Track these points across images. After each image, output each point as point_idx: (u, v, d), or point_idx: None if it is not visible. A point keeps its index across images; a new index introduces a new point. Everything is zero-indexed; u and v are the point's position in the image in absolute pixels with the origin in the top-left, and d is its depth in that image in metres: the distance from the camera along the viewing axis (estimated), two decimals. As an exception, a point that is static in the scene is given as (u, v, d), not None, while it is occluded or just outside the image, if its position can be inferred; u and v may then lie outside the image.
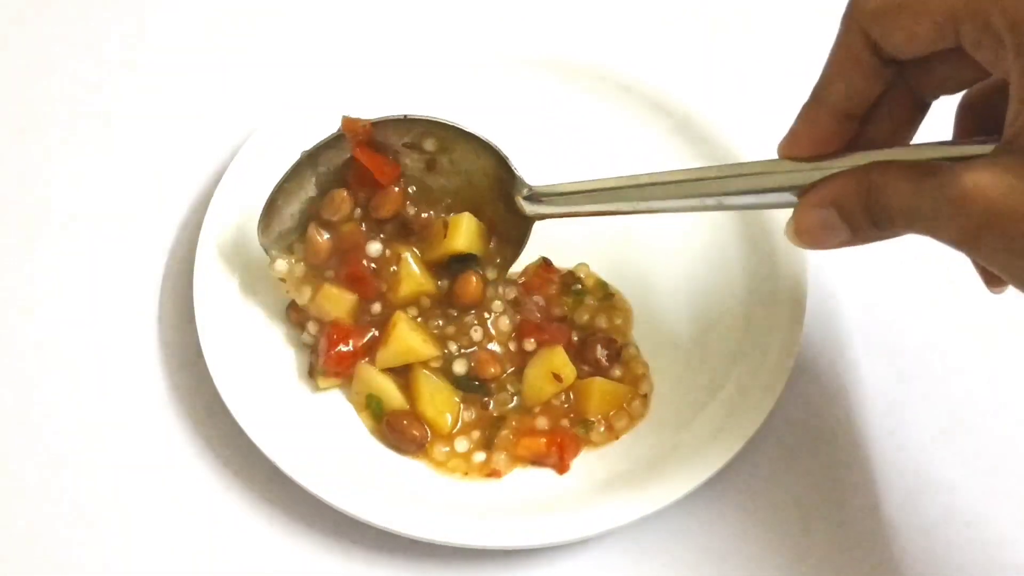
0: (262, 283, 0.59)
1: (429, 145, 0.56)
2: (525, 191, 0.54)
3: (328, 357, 0.55)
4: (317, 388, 0.56)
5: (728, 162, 0.62)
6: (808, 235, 0.43)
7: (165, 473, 0.56)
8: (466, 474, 0.55)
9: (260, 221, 0.56)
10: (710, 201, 0.47)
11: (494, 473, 0.55)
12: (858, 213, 0.41)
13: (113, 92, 0.70)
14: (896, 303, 0.61)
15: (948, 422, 0.57)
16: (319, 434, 0.55)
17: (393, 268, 0.57)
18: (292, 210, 0.56)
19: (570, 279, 0.60)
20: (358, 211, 0.57)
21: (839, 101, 0.43)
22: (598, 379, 0.56)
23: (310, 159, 0.55)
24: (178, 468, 0.56)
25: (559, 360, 0.55)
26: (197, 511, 0.55)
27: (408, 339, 0.55)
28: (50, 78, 0.71)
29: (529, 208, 0.54)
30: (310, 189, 0.56)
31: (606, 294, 0.60)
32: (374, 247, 0.57)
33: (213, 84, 0.70)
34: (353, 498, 0.51)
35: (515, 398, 0.56)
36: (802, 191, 0.44)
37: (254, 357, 0.56)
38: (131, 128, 0.68)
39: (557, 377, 0.55)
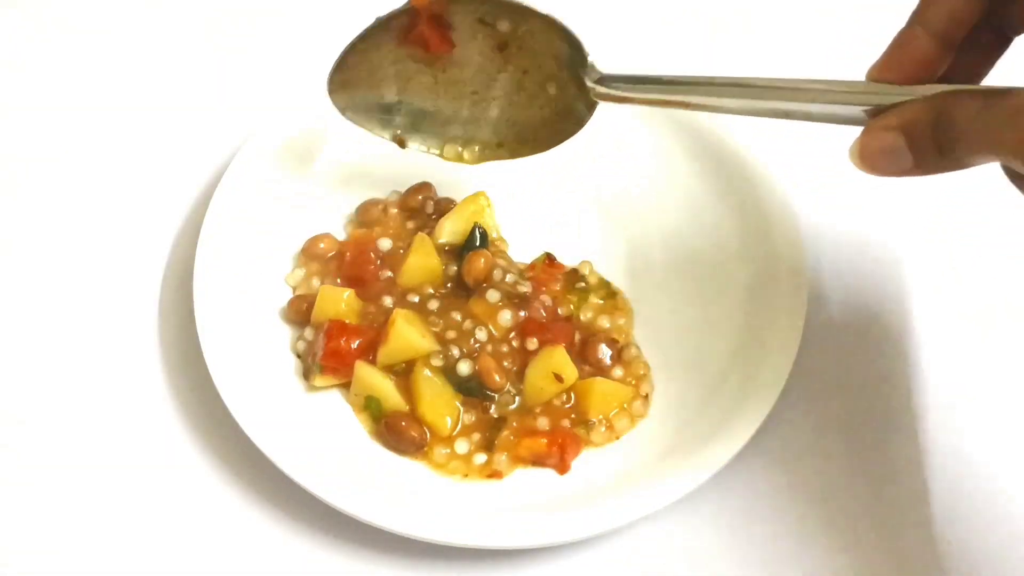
0: (262, 283, 0.60)
1: (503, 26, 0.55)
2: (594, 75, 0.53)
3: (326, 352, 0.55)
4: (312, 388, 0.56)
5: (728, 162, 0.63)
6: (871, 159, 0.44)
7: (165, 473, 0.56)
8: (466, 475, 0.54)
9: (330, 79, 0.56)
10: (781, 106, 0.47)
11: (495, 474, 0.54)
12: (926, 140, 0.42)
13: (113, 92, 0.70)
14: (896, 302, 0.61)
15: (952, 416, 0.57)
16: (319, 434, 0.55)
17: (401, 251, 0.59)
18: (362, 69, 0.56)
19: (574, 276, 0.60)
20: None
21: (939, 23, 0.43)
22: (599, 379, 0.56)
23: (382, 25, 0.55)
24: (178, 468, 0.56)
25: (560, 360, 0.55)
26: (197, 511, 0.54)
27: (407, 334, 0.55)
28: (49, 78, 0.71)
29: (597, 89, 0.53)
30: (382, 49, 0.56)
31: (609, 292, 0.60)
32: (384, 242, 0.59)
33: (213, 84, 0.70)
34: (353, 498, 0.51)
35: (516, 399, 0.56)
36: (873, 112, 0.44)
37: (254, 357, 0.56)
38: (131, 128, 0.68)
39: (558, 377, 0.55)
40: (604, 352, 0.57)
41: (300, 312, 0.58)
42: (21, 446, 0.56)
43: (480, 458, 0.55)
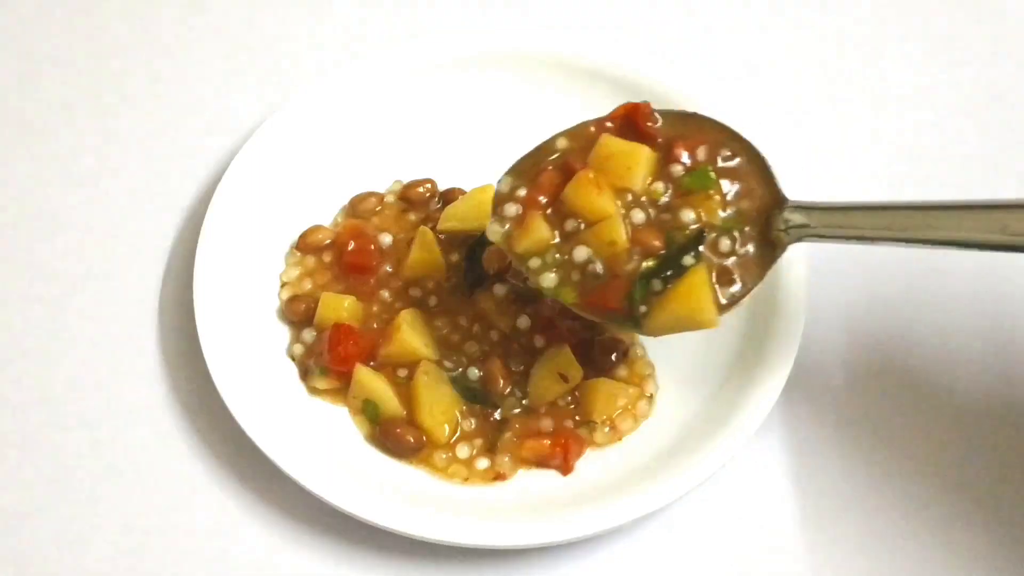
0: (262, 284, 0.60)
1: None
2: (788, 212, 0.49)
3: (332, 357, 0.55)
4: (312, 390, 0.56)
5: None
6: None
7: (164, 473, 0.55)
8: (467, 480, 0.54)
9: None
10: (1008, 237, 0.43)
11: (499, 477, 0.54)
12: None
13: (114, 92, 0.70)
14: (896, 302, 0.61)
15: (953, 416, 0.57)
16: (320, 434, 0.55)
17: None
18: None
19: None
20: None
21: None
22: (604, 379, 0.56)
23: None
24: (177, 467, 0.55)
25: (565, 360, 0.55)
26: (196, 511, 0.54)
27: (410, 340, 0.55)
28: (51, 78, 0.71)
29: (790, 233, 0.49)
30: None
31: None
32: (385, 237, 0.60)
33: (214, 84, 0.70)
34: (353, 498, 0.51)
35: (522, 402, 0.56)
36: None
37: (254, 357, 0.56)
38: (131, 128, 0.68)
39: (563, 377, 0.55)
40: (608, 352, 0.57)
41: (298, 313, 0.58)
42: (20, 445, 0.56)
43: (482, 463, 0.54)
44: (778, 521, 0.54)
